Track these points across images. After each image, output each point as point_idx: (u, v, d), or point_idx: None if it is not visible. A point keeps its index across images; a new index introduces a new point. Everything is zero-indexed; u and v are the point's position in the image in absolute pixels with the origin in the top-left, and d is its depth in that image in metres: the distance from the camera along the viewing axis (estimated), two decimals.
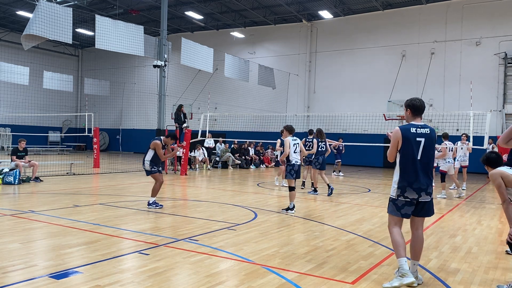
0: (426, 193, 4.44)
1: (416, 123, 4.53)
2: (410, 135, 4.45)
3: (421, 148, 4.42)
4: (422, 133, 4.45)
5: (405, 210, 4.50)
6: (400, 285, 4.27)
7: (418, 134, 4.45)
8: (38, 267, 4.71)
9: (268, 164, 23.56)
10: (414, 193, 4.43)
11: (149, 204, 8.81)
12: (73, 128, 36.78)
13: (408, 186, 4.43)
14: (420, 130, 4.46)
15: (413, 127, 4.48)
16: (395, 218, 4.56)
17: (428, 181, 4.44)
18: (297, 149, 9.08)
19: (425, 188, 4.42)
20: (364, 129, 23.90)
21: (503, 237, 7.08)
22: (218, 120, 29.13)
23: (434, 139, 4.49)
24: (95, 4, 26.85)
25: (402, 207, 4.50)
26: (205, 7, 26.92)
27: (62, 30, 14.95)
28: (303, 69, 28.36)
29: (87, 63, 37.94)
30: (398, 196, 4.49)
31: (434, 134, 4.50)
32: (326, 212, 9.10)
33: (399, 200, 4.50)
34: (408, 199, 4.46)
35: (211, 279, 4.49)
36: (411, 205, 4.48)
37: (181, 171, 17.21)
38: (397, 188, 4.49)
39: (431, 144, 4.46)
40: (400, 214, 4.52)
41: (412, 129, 4.47)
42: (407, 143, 4.44)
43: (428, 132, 4.46)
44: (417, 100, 4.57)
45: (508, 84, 22.46)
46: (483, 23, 22.87)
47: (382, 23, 25.66)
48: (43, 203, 9.11)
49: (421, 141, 4.43)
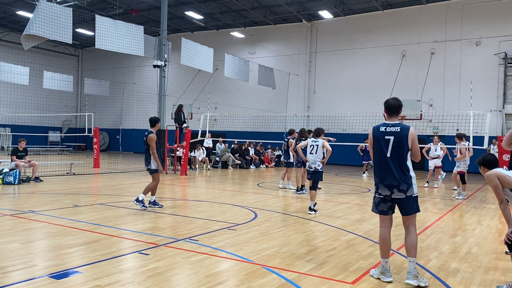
0: (399, 190, 4.52)
1: (388, 122, 4.67)
2: (379, 134, 4.63)
3: (390, 145, 4.54)
4: (391, 131, 4.56)
5: (381, 207, 4.67)
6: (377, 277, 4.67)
7: (387, 133, 4.58)
8: (38, 267, 4.71)
9: (268, 164, 23.55)
10: (386, 189, 4.57)
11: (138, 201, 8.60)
12: (73, 128, 36.77)
13: (380, 183, 4.61)
14: (389, 129, 4.58)
15: (383, 126, 4.64)
16: (380, 217, 4.77)
17: (400, 178, 4.51)
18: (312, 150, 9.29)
19: (396, 185, 4.51)
20: (364, 129, 23.90)
21: (503, 237, 7.07)
22: (218, 120, 29.13)
23: (404, 136, 4.52)
24: (95, 4, 26.85)
25: (379, 204, 4.69)
26: (205, 7, 26.92)
27: (62, 30, 14.95)
28: (303, 69, 28.36)
29: (87, 63, 37.94)
30: (375, 193, 4.73)
31: (406, 132, 4.53)
32: (326, 212, 9.10)
33: (376, 197, 4.71)
34: (381, 196, 4.63)
35: (211, 279, 4.49)
36: (385, 202, 4.63)
37: (181, 171, 17.21)
38: (374, 185, 4.73)
39: (400, 142, 4.52)
40: (377, 210, 4.71)
41: (382, 128, 4.63)
42: (377, 141, 4.63)
43: (398, 130, 4.55)
44: (392, 99, 4.70)
45: (508, 84, 22.46)
46: (483, 23, 22.86)
47: (382, 23, 25.65)
48: (43, 203, 9.11)
49: (389, 139, 4.55)
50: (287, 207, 9.75)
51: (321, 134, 9.64)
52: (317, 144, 9.33)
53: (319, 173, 9.20)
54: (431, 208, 10.24)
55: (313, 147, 9.35)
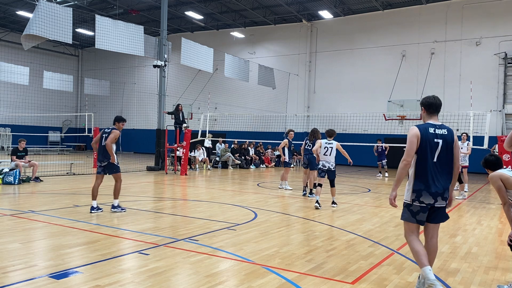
0: (443, 198, 4.16)
1: (433, 123, 4.25)
2: (428, 136, 4.15)
3: (439, 150, 4.14)
4: (440, 134, 4.17)
5: (420, 217, 4.21)
6: None
7: (436, 135, 4.17)
8: (38, 267, 4.71)
9: (268, 164, 23.56)
10: (431, 197, 4.13)
11: (114, 208, 8.18)
12: (73, 128, 36.78)
13: (424, 190, 4.13)
14: (438, 131, 4.19)
15: (432, 127, 4.19)
16: (410, 226, 4.27)
17: (445, 186, 4.17)
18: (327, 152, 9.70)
19: (441, 192, 4.14)
20: (364, 129, 23.92)
21: (503, 237, 7.09)
22: (218, 120, 29.14)
23: (452, 140, 4.20)
24: (95, 4, 26.85)
25: (417, 213, 4.20)
26: (205, 7, 26.92)
27: (62, 30, 14.95)
28: (303, 69, 28.36)
29: (87, 63, 37.94)
30: (413, 201, 4.19)
31: (452, 135, 4.22)
32: (326, 212, 9.10)
33: (414, 205, 4.20)
34: (423, 204, 4.16)
35: (211, 279, 4.49)
36: (425, 211, 4.20)
37: (181, 171, 17.21)
38: (412, 192, 4.19)
39: (449, 146, 4.17)
40: (415, 220, 4.22)
41: (431, 129, 4.18)
42: (424, 144, 4.14)
43: (446, 133, 4.19)
44: (431, 97, 4.31)
45: (508, 84, 22.46)
46: (483, 23, 22.87)
47: (382, 23, 25.66)
48: (43, 203, 9.11)
49: (438, 143, 4.15)
50: (287, 207, 9.75)
51: (333, 135, 9.91)
52: (331, 146, 9.63)
53: (333, 171, 9.78)
54: None
55: (328, 149, 9.70)
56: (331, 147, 9.69)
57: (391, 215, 8.91)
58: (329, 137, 9.88)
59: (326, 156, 9.68)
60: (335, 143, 9.77)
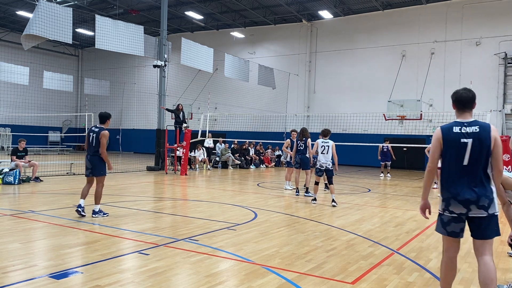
0: (478, 206, 3.60)
1: (461, 120, 3.75)
2: (453, 136, 3.68)
3: (468, 151, 3.61)
4: (469, 133, 3.63)
5: (452, 227, 3.70)
6: None
7: (463, 134, 3.65)
8: (38, 267, 4.71)
9: (268, 164, 23.55)
10: (461, 206, 3.63)
11: (96, 213, 7.61)
12: (73, 128, 36.77)
13: (453, 198, 3.66)
14: (466, 129, 3.66)
15: (457, 126, 3.71)
16: (445, 239, 3.81)
17: (480, 192, 3.60)
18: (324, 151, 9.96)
19: (475, 200, 3.59)
20: (364, 129, 23.90)
21: (503, 237, 7.07)
22: (218, 120, 29.14)
23: (486, 138, 3.61)
24: (95, 4, 26.84)
25: (448, 223, 3.72)
26: (205, 7, 26.92)
27: (62, 30, 14.95)
28: (303, 69, 28.36)
29: (87, 63, 37.94)
30: (443, 211, 3.75)
31: (487, 132, 3.63)
32: (326, 212, 9.10)
33: (444, 215, 3.75)
34: (454, 214, 3.67)
35: (211, 279, 4.49)
36: (459, 222, 3.68)
37: (181, 171, 17.21)
38: (442, 200, 3.77)
39: (481, 145, 3.60)
40: (445, 231, 3.74)
41: (456, 128, 3.70)
42: (450, 146, 3.68)
43: (477, 131, 3.63)
44: (460, 90, 3.82)
45: (508, 84, 22.45)
46: (483, 23, 22.86)
47: (382, 23, 25.65)
48: (43, 203, 9.11)
49: (467, 143, 3.62)
50: (287, 207, 9.75)
51: (329, 134, 10.19)
52: (328, 145, 9.92)
53: (330, 170, 10.00)
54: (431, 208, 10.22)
55: (324, 148, 9.98)
56: (327, 145, 9.96)
57: (391, 215, 8.92)
58: (324, 136, 10.15)
59: (323, 155, 9.93)
60: (331, 142, 10.02)
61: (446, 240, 3.80)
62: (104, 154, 7.77)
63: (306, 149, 11.66)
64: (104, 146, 7.75)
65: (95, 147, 7.85)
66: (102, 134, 7.77)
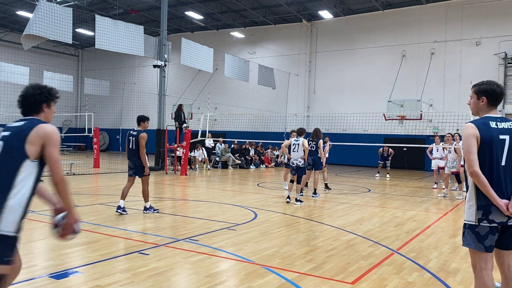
0: None
1: (494, 116, 3.27)
2: (490, 132, 3.15)
3: (506, 149, 3.16)
4: (505, 129, 3.19)
5: (490, 241, 3.15)
6: None
7: (500, 130, 3.17)
8: (38, 267, 4.71)
9: (268, 164, 23.55)
10: (502, 214, 3.11)
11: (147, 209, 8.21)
12: (73, 128, 36.76)
13: (494, 205, 3.11)
14: (501, 125, 3.20)
15: (493, 121, 3.20)
16: (480, 255, 3.18)
17: None
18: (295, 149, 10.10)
19: None
20: (364, 129, 23.91)
21: None
22: (218, 120, 29.13)
23: None
24: (95, 4, 26.85)
25: (486, 236, 3.14)
26: (205, 7, 26.92)
27: (62, 30, 14.95)
28: (303, 69, 28.36)
29: (87, 63, 37.94)
30: (479, 221, 3.15)
31: None
32: (326, 212, 9.10)
33: (481, 226, 3.14)
34: (494, 224, 3.12)
35: (211, 279, 4.49)
36: (495, 233, 3.16)
37: (181, 171, 17.21)
38: (477, 209, 3.16)
39: None
40: (483, 247, 3.15)
41: (492, 123, 3.18)
42: (488, 144, 3.14)
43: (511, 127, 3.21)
44: (494, 84, 3.30)
45: (508, 84, 22.45)
46: (483, 23, 22.86)
47: (382, 23, 25.65)
48: (43, 203, 9.10)
49: (504, 140, 3.16)
50: (287, 207, 9.74)
51: (303, 133, 10.40)
52: (299, 143, 10.13)
53: (302, 168, 10.04)
54: (431, 208, 10.25)
55: (295, 146, 10.19)
56: (298, 143, 10.14)
57: (391, 215, 8.92)
58: (299, 135, 10.31)
59: (294, 152, 10.12)
60: (301, 140, 10.14)
61: (483, 258, 3.18)
62: (143, 156, 7.98)
63: (318, 149, 11.72)
64: (143, 147, 7.95)
65: (136, 150, 8.06)
66: (140, 136, 8.00)
